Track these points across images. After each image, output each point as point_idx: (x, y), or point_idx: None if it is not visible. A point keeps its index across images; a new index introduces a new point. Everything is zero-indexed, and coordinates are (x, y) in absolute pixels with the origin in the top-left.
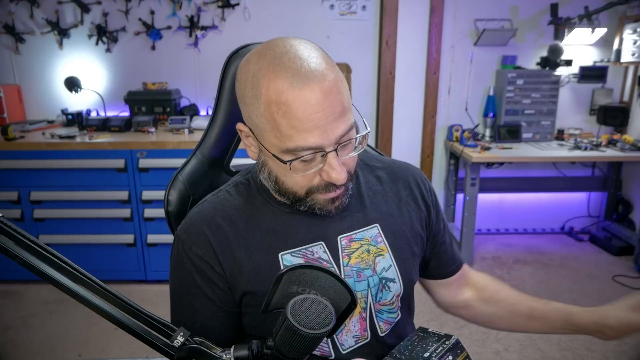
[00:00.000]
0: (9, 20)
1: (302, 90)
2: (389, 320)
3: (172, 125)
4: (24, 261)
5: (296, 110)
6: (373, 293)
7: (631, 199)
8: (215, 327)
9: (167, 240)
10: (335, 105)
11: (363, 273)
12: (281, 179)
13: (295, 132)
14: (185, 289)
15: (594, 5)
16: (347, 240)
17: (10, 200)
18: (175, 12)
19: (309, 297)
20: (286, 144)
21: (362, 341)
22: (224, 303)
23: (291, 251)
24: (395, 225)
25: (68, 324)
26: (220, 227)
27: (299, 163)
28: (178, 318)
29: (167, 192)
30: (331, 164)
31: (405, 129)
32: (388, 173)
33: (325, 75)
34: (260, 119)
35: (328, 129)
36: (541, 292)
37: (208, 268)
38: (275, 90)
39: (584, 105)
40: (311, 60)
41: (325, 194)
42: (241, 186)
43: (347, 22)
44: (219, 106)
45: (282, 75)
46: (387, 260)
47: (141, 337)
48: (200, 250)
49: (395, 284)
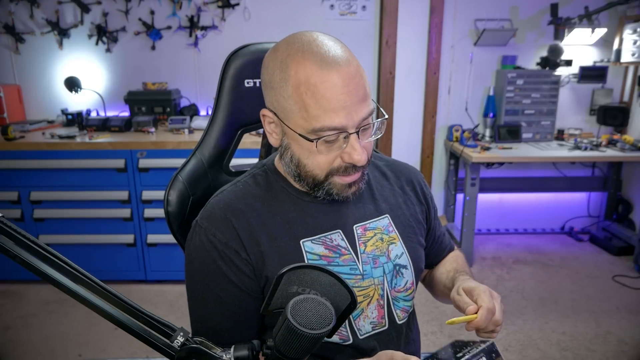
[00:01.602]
0: (9, 20)
1: (330, 72)
2: (405, 308)
3: (172, 125)
4: (24, 261)
5: (324, 91)
6: (389, 279)
7: (631, 199)
8: (243, 315)
9: (167, 240)
10: (359, 89)
11: (379, 260)
12: (303, 162)
13: (323, 111)
14: (209, 279)
15: (594, 5)
16: (362, 229)
17: (10, 200)
18: (175, 12)
19: (309, 297)
20: (312, 124)
21: (379, 328)
22: (250, 290)
23: (312, 238)
24: (403, 217)
25: (68, 324)
26: (243, 213)
27: (322, 143)
28: (201, 312)
29: (166, 192)
30: (353, 145)
31: (405, 129)
32: (392, 170)
33: (350, 61)
34: (288, 101)
35: (352, 111)
36: (541, 292)
37: (233, 254)
38: (304, 72)
39: (584, 105)
40: (336, 47)
41: (344, 178)
42: (259, 177)
43: (347, 22)
44: (218, 106)
45: (310, 59)
46: (399, 248)
47: (141, 337)
48: (225, 236)
49: (408, 270)
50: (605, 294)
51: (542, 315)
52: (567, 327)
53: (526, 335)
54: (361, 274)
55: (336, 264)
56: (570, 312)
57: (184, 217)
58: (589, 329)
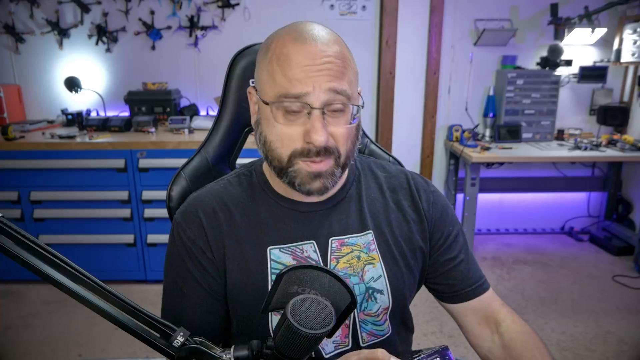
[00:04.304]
0: (9, 20)
1: (303, 45)
2: (374, 332)
3: (172, 125)
4: (24, 261)
5: (292, 60)
6: (358, 302)
7: (631, 199)
8: (205, 316)
9: (167, 240)
10: (332, 67)
11: (349, 280)
12: (268, 138)
13: (287, 80)
14: (176, 273)
15: (594, 5)
16: (339, 243)
17: (10, 200)
18: (175, 12)
19: (309, 297)
20: (277, 90)
21: (341, 347)
22: (214, 291)
23: (280, 247)
24: (392, 236)
25: (68, 324)
26: (215, 212)
27: (281, 110)
28: (167, 302)
29: (169, 188)
30: (314, 123)
31: (405, 129)
32: (391, 182)
33: (330, 42)
34: (263, 72)
35: (319, 86)
36: (541, 292)
37: (200, 252)
38: (280, 44)
39: (584, 105)
40: (323, 31)
41: (310, 164)
42: (242, 177)
43: (347, 22)
44: (224, 106)
45: (291, 35)
46: (378, 270)
47: (141, 337)
48: (193, 233)
49: (384, 295)
50: (605, 294)
51: (542, 315)
52: (567, 327)
53: None
54: None
55: None
56: (570, 312)
57: None
58: (589, 329)
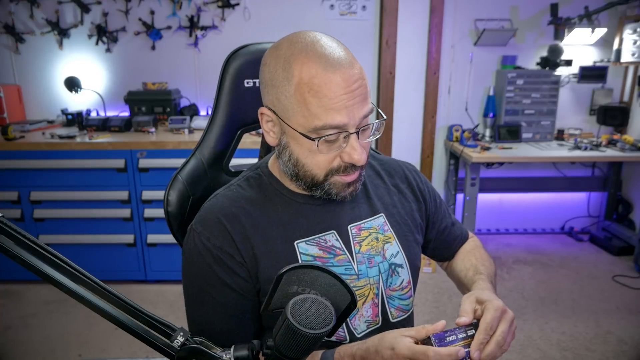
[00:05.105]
0: (9, 20)
1: (334, 74)
2: (401, 307)
3: (172, 125)
4: (24, 261)
5: (327, 91)
6: (384, 278)
7: (631, 199)
8: (239, 317)
9: (167, 241)
10: (361, 90)
11: (374, 259)
12: (302, 161)
13: (324, 110)
14: (205, 282)
15: (594, 5)
16: (357, 229)
17: (10, 200)
18: (175, 12)
19: (309, 297)
20: (314, 123)
21: (373, 326)
22: (246, 292)
23: (306, 239)
24: (399, 215)
25: (68, 324)
26: (236, 216)
27: (323, 142)
28: (197, 314)
29: (166, 193)
30: (353, 145)
31: (405, 129)
32: (386, 168)
33: (353, 63)
34: (290, 100)
35: (353, 111)
36: (541, 292)
37: (228, 258)
38: (308, 72)
39: (583, 105)
40: (339, 49)
41: (344, 177)
42: (252, 180)
43: (347, 22)
44: (218, 106)
45: (315, 60)
46: (395, 247)
47: (141, 337)
48: (219, 240)
49: (404, 269)
50: (605, 294)
51: (542, 315)
52: (567, 327)
53: (526, 335)
54: (356, 273)
55: (331, 264)
56: (570, 312)
57: (183, 217)
58: (589, 329)
